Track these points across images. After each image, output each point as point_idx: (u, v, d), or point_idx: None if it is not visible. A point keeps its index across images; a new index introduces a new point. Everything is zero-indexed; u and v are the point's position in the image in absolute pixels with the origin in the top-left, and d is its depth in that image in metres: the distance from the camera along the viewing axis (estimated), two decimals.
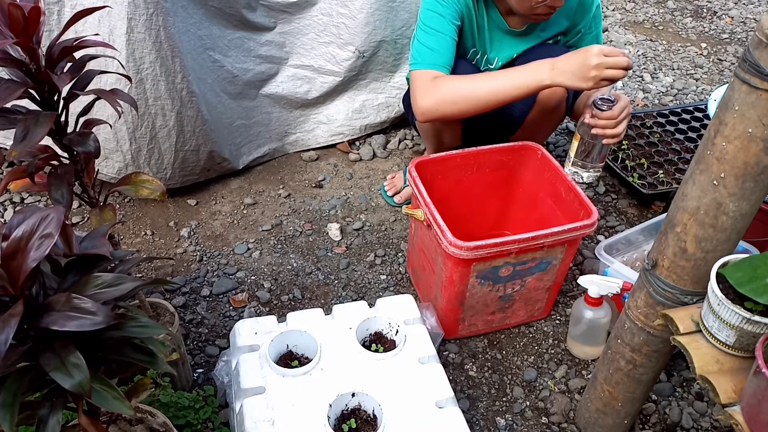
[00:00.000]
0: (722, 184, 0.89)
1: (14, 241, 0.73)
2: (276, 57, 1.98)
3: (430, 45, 1.49)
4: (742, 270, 0.89)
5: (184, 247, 1.74)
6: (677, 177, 1.93)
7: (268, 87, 1.99)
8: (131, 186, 1.11)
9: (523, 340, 1.53)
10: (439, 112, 1.47)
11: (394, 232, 1.81)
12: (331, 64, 2.00)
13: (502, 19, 1.57)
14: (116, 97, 0.99)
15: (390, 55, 2.04)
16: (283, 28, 1.98)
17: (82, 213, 1.83)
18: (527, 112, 1.62)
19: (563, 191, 1.46)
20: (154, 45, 1.58)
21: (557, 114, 1.63)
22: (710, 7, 3.21)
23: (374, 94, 2.10)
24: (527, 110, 1.60)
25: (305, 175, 2.01)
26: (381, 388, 1.18)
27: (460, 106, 1.45)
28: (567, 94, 1.59)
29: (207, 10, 1.77)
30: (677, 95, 2.50)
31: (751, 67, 0.80)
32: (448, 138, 1.67)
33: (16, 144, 0.87)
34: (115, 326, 0.79)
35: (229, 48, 1.87)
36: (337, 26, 1.95)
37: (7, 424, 0.71)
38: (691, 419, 1.36)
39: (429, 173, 1.47)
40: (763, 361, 0.81)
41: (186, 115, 1.71)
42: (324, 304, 1.59)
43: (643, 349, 1.10)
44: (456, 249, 1.25)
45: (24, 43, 0.89)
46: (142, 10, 1.53)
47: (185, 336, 1.49)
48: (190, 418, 1.23)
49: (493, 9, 1.56)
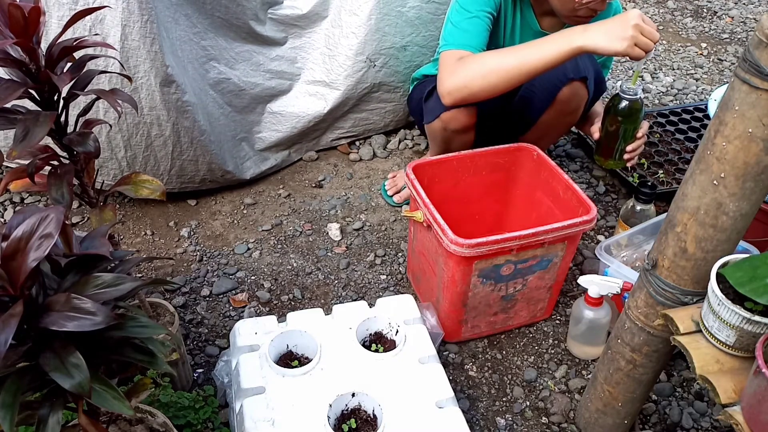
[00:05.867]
0: (722, 184, 0.89)
1: (14, 241, 0.73)
2: (288, 73, 1.97)
3: (464, 26, 1.45)
4: (742, 270, 0.89)
5: (184, 247, 1.74)
6: (677, 177, 1.93)
7: (279, 103, 1.97)
8: (131, 186, 1.10)
9: (523, 340, 1.53)
10: (467, 90, 1.40)
11: (394, 232, 1.81)
12: (342, 77, 1.96)
13: (536, 20, 1.55)
14: (116, 97, 0.99)
15: (400, 63, 2.01)
16: (294, 43, 1.97)
17: (82, 213, 1.83)
18: (543, 112, 1.60)
19: (561, 190, 1.46)
20: (149, 54, 1.53)
21: (573, 117, 1.62)
22: (710, 7, 3.21)
23: (384, 103, 2.08)
24: (544, 109, 1.59)
25: (305, 175, 2.01)
26: (381, 388, 1.18)
27: (489, 80, 1.37)
28: (588, 97, 1.58)
29: (213, 20, 1.74)
30: (677, 95, 2.50)
31: (751, 67, 0.80)
32: (458, 145, 1.62)
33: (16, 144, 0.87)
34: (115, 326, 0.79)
35: (237, 61, 1.85)
36: (347, 37, 1.93)
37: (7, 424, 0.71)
38: (691, 419, 1.36)
39: (426, 176, 1.47)
40: (763, 361, 0.81)
41: (183, 126, 1.67)
42: (324, 304, 1.59)
43: (643, 349, 1.10)
44: (457, 247, 1.25)
45: (24, 43, 0.89)
46: (137, 17, 1.49)
47: (185, 336, 1.49)
48: (190, 418, 1.22)
49: (528, 9, 1.53)
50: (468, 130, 1.58)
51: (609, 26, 1.27)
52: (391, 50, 1.97)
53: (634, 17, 1.25)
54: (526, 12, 1.55)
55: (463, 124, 1.55)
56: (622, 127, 1.40)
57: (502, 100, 1.46)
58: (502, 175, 1.59)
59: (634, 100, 1.36)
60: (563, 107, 1.57)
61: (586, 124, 1.73)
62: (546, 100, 1.56)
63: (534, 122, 1.65)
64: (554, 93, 1.54)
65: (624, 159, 1.46)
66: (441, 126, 1.58)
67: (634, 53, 1.26)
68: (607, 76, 1.79)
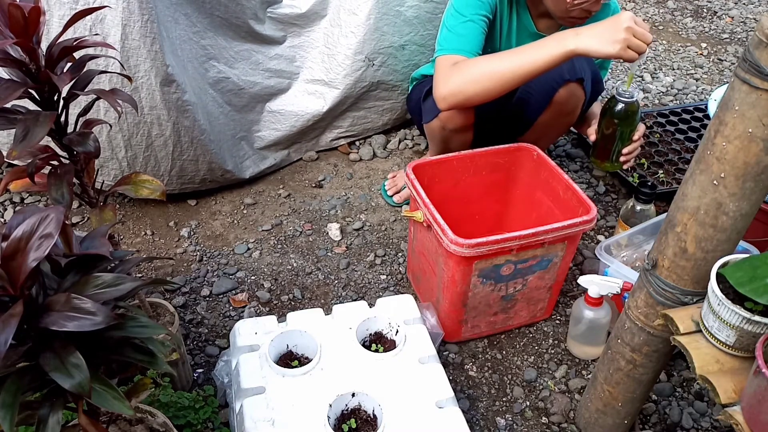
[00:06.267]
0: (722, 184, 0.89)
1: (14, 241, 0.73)
2: (287, 72, 1.97)
3: (459, 31, 1.45)
4: (742, 270, 0.89)
5: (184, 247, 1.74)
6: (677, 177, 1.93)
7: (278, 101, 1.97)
8: (131, 186, 1.10)
9: (523, 340, 1.53)
10: (462, 95, 1.41)
11: (394, 232, 1.81)
12: (341, 76, 1.97)
13: (532, 22, 1.55)
14: (116, 97, 0.99)
15: (398, 62, 2.01)
16: (293, 42, 1.97)
17: (82, 213, 1.83)
18: (541, 113, 1.61)
19: (561, 190, 1.46)
20: (149, 53, 1.53)
21: (570, 118, 1.62)
22: (710, 7, 3.21)
23: (382, 101, 2.08)
24: (541, 111, 1.59)
25: (305, 175, 2.01)
26: (381, 388, 1.18)
27: (483, 85, 1.38)
28: (585, 98, 1.58)
29: (212, 20, 1.74)
30: (677, 95, 2.50)
31: (752, 67, 0.80)
32: (457, 144, 1.63)
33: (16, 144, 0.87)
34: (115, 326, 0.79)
35: (236, 60, 1.85)
36: (347, 36, 1.93)
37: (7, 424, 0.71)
38: (691, 419, 1.36)
39: (426, 176, 1.47)
40: (763, 361, 0.81)
41: (183, 126, 1.67)
42: (324, 304, 1.59)
43: (643, 349, 1.10)
44: (457, 247, 1.25)
45: (24, 43, 0.89)
46: (137, 17, 1.49)
47: (185, 336, 1.49)
48: (190, 418, 1.22)
49: (524, 11, 1.54)
50: (466, 129, 1.59)
51: (601, 29, 1.27)
52: (389, 49, 1.97)
53: (626, 20, 1.25)
54: (523, 14, 1.55)
55: (461, 124, 1.56)
56: (618, 129, 1.40)
57: (500, 102, 1.46)
58: (502, 175, 1.59)
59: (630, 102, 1.36)
60: (560, 108, 1.57)
61: (583, 125, 1.73)
62: (543, 102, 1.56)
63: (532, 124, 1.65)
64: (551, 94, 1.55)
65: (620, 161, 1.46)
66: (439, 125, 1.59)
67: (627, 55, 1.26)
68: (605, 77, 1.79)
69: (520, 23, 1.56)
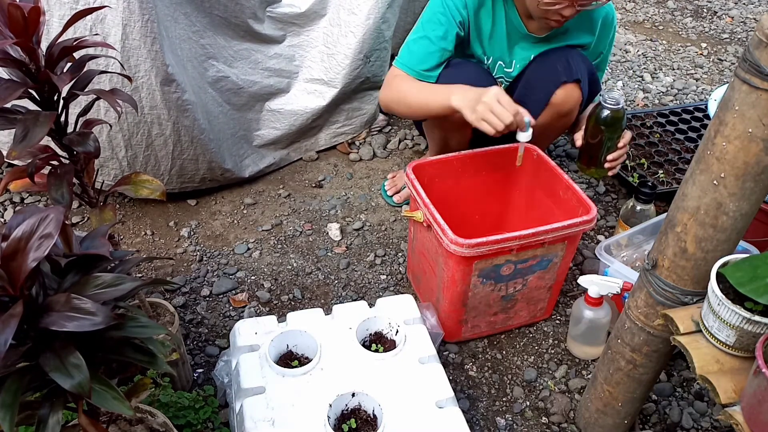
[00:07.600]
0: (722, 184, 0.89)
1: (14, 242, 0.73)
2: (286, 71, 1.97)
3: (411, 46, 1.54)
4: (743, 270, 0.89)
5: (184, 247, 1.74)
6: (677, 177, 1.93)
7: (278, 101, 1.97)
8: (131, 186, 1.10)
9: (523, 340, 1.53)
10: (390, 108, 1.59)
11: (394, 232, 1.81)
12: (341, 76, 1.97)
13: (521, 22, 1.55)
14: (116, 97, 0.99)
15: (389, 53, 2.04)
16: (292, 41, 1.97)
17: (82, 213, 1.83)
18: (538, 115, 1.61)
19: (561, 190, 1.46)
20: (149, 53, 1.53)
21: (567, 119, 1.63)
22: (710, 7, 3.21)
23: (373, 90, 2.09)
24: (539, 112, 1.60)
25: (305, 175, 2.01)
26: (381, 388, 1.17)
27: (401, 106, 1.56)
28: (582, 99, 1.58)
29: (212, 19, 1.74)
30: (677, 95, 2.50)
31: (752, 67, 0.80)
32: (455, 142, 1.65)
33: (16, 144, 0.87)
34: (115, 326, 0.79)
35: (235, 59, 1.85)
36: (346, 36, 1.93)
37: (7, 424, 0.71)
38: (691, 419, 1.36)
39: (426, 176, 1.47)
40: (763, 361, 0.81)
41: (183, 125, 1.67)
42: (324, 304, 1.59)
43: (643, 349, 1.10)
44: (457, 247, 1.25)
45: (24, 43, 0.89)
46: (138, 16, 1.48)
47: (185, 336, 1.49)
48: (190, 418, 1.23)
49: (513, 10, 1.54)
50: (462, 127, 1.59)
51: (471, 95, 1.35)
52: (383, 44, 2.00)
53: (489, 96, 1.31)
54: (511, 13, 1.55)
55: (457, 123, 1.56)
56: (604, 136, 1.41)
57: None
58: (502, 175, 1.59)
59: (616, 109, 1.36)
60: (558, 109, 1.58)
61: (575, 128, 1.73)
62: (541, 103, 1.56)
63: None
64: (548, 96, 1.55)
65: (606, 167, 1.47)
66: (437, 123, 1.61)
67: (482, 127, 1.34)
68: (602, 78, 1.80)
69: (509, 23, 1.57)
